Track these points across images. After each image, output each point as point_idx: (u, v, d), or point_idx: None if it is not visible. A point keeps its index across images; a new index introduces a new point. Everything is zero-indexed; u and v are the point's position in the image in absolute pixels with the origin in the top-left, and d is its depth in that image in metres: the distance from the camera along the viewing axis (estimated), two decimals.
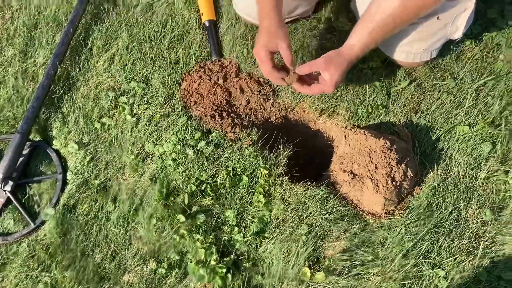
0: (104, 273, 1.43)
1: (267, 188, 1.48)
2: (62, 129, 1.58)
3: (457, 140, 1.52)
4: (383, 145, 1.41)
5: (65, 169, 1.55)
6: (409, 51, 1.53)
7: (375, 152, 1.41)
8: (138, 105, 1.59)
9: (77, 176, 1.53)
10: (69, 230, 1.47)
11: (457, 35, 1.52)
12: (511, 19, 1.67)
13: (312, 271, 1.39)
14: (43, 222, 1.48)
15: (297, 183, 1.49)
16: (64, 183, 1.53)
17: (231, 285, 1.38)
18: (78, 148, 1.55)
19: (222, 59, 1.67)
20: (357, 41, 1.34)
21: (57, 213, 1.47)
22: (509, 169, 1.49)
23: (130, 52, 1.66)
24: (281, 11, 1.42)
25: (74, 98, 1.62)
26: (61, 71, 1.63)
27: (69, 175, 1.54)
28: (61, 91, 1.62)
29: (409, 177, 1.42)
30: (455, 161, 1.50)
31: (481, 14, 1.67)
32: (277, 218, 1.45)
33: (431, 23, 1.47)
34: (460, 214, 1.45)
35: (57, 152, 1.57)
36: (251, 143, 1.53)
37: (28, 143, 1.55)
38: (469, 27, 1.54)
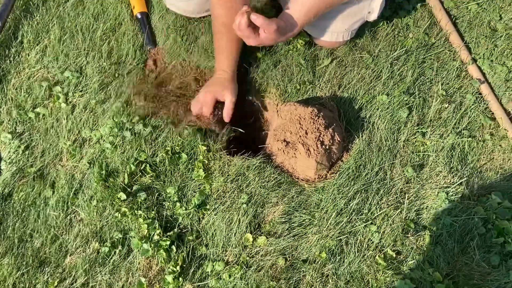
0: (45, 257, 1.40)
1: (207, 162, 1.53)
2: None
3: (377, 109, 1.66)
4: (311, 112, 1.51)
5: None
6: (333, 31, 1.67)
7: (304, 119, 1.51)
8: (73, 93, 1.61)
9: (12, 165, 1.50)
10: (5, 218, 1.43)
11: (373, 17, 1.68)
12: (416, 3, 1.86)
13: (254, 236, 1.45)
14: None
15: (235, 155, 1.55)
16: None
17: (176, 258, 1.41)
18: (11, 138, 1.53)
19: (155, 48, 1.73)
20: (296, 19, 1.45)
21: None
22: (425, 131, 1.64)
23: (62, 44, 1.68)
24: (236, 66, 1.60)
25: (5, 90, 1.60)
26: None
27: (2, 165, 1.51)
28: None
29: (337, 141, 1.53)
30: (377, 127, 1.63)
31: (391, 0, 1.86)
32: (218, 190, 1.50)
33: (352, 5, 1.62)
34: (386, 174, 1.57)
35: None
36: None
37: None
38: (382, 10, 1.70)
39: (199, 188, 1.50)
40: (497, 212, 1.52)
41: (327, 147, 1.51)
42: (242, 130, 1.59)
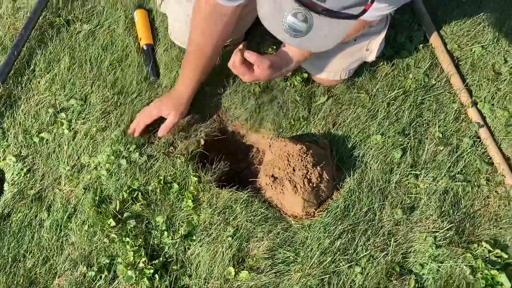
0: (35, 277, 1.46)
1: (196, 193, 1.57)
2: (0, 143, 1.65)
3: (371, 148, 1.66)
4: (299, 150, 1.53)
5: (2, 180, 1.61)
6: (330, 69, 1.70)
7: (292, 156, 1.53)
8: (76, 120, 1.69)
9: (13, 187, 1.58)
10: (2, 237, 1.51)
11: (371, 58, 1.70)
12: (418, 44, 1.87)
13: (236, 270, 1.47)
14: None
15: (224, 188, 1.58)
16: (0, 193, 1.58)
17: (158, 286, 1.44)
18: (16, 161, 1.62)
19: (158, 79, 1.81)
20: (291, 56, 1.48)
21: None
22: (418, 173, 1.63)
23: (71, 73, 1.77)
24: (196, 89, 1.66)
25: (15, 114, 1.70)
26: (3, 90, 1.73)
27: (5, 186, 1.60)
28: (2, 108, 1.70)
29: (325, 179, 1.54)
30: (370, 167, 1.63)
31: (392, 39, 1.86)
32: (205, 221, 1.53)
33: (350, 45, 1.65)
34: (375, 215, 1.57)
35: None
36: (184, 153, 1.63)
37: None
38: (381, 51, 1.72)
39: (187, 219, 1.54)
40: (487, 261, 1.49)
41: (314, 185, 1.52)
42: None
